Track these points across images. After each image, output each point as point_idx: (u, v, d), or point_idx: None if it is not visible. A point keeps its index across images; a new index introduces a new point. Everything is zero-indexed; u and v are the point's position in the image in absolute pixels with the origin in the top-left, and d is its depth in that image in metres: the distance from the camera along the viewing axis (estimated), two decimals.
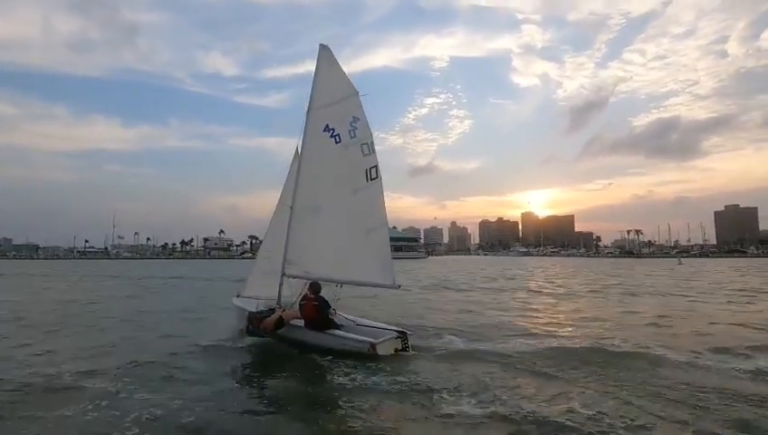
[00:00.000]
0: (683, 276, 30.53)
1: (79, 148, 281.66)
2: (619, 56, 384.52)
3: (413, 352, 7.22)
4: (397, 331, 7.54)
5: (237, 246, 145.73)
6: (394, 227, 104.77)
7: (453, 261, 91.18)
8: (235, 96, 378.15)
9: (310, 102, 8.31)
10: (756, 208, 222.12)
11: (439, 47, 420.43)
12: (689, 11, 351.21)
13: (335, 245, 8.16)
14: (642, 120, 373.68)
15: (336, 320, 7.75)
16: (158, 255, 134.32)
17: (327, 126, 8.12)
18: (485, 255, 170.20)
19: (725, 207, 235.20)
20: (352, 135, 7.99)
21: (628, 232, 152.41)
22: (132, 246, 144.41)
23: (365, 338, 7.16)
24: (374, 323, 8.22)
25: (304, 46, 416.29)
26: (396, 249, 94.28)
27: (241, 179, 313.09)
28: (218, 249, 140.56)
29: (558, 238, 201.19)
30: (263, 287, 8.89)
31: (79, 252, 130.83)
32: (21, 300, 16.86)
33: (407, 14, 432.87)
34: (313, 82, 8.29)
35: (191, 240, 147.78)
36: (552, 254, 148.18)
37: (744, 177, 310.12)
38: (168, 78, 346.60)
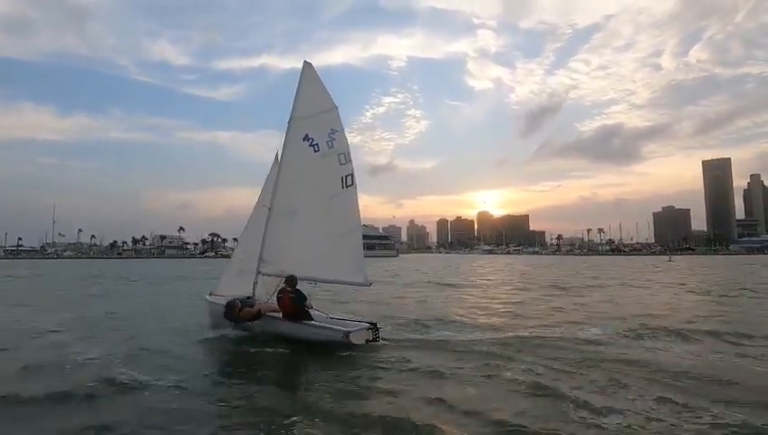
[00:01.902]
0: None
1: (6, 137, 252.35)
2: (566, 65, 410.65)
3: (383, 342, 7.83)
4: (368, 322, 8.14)
5: (196, 244, 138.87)
6: (364, 226, 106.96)
7: (431, 259, 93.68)
8: (184, 87, 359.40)
9: (291, 113, 8.86)
10: (689, 210, 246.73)
11: (397, 47, 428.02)
12: (629, 25, 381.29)
13: (311, 245, 8.69)
14: (588, 126, 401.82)
15: (311, 313, 8.21)
16: (104, 254, 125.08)
17: (307, 135, 8.73)
18: (447, 253, 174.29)
19: (662, 208, 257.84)
20: (330, 145, 8.64)
21: (588, 231, 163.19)
22: (73, 244, 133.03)
23: (339, 328, 7.73)
24: (346, 317, 8.82)
25: (260, 40, 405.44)
26: (370, 247, 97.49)
27: (193, 175, 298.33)
28: (174, 248, 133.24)
29: (514, 237, 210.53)
30: (236, 286, 8.94)
31: (10, 251, 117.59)
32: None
33: (366, 13, 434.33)
34: (296, 95, 8.87)
35: (142, 238, 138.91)
36: (515, 252, 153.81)
37: (675, 181, 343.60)
38: (109, 65, 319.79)
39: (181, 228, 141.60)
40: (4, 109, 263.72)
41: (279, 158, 9.11)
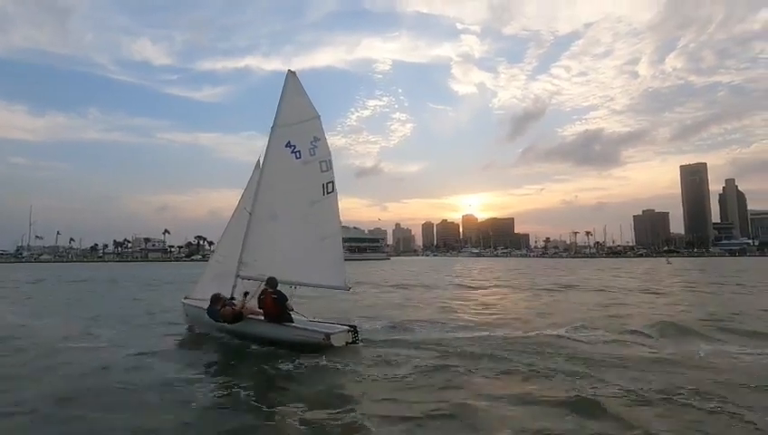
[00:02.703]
0: None
1: None
2: (547, 70, 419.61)
3: (362, 344, 8.01)
4: (348, 325, 8.31)
5: (180, 247, 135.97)
6: (354, 228, 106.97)
7: (422, 261, 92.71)
8: (165, 87, 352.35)
9: (274, 121, 9.00)
10: (668, 213, 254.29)
11: (382, 50, 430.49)
12: (607, 33, 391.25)
13: (291, 249, 8.83)
14: (570, 131, 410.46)
15: (291, 316, 8.30)
16: (84, 257, 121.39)
17: (289, 142, 8.90)
18: (435, 256, 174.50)
19: (643, 211, 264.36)
20: (312, 153, 8.85)
21: (576, 233, 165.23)
22: (49, 247, 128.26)
23: (320, 330, 7.85)
24: (326, 320, 8.95)
25: (244, 41, 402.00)
26: (361, 250, 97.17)
27: (175, 177, 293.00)
28: (158, 251, 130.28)
29: (499, 240, 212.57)
30: (213, 290, 8.75)
31: None
32: None
33: (351, 15, 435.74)
34: (279, 103, 9.03)
35: (125, 241, 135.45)
36: (504, 255, 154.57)
37: (653, 185, 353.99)
38: (88, 63, 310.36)
39: (166, 231, 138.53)
40: None
41: (261, 163, 9.21)
